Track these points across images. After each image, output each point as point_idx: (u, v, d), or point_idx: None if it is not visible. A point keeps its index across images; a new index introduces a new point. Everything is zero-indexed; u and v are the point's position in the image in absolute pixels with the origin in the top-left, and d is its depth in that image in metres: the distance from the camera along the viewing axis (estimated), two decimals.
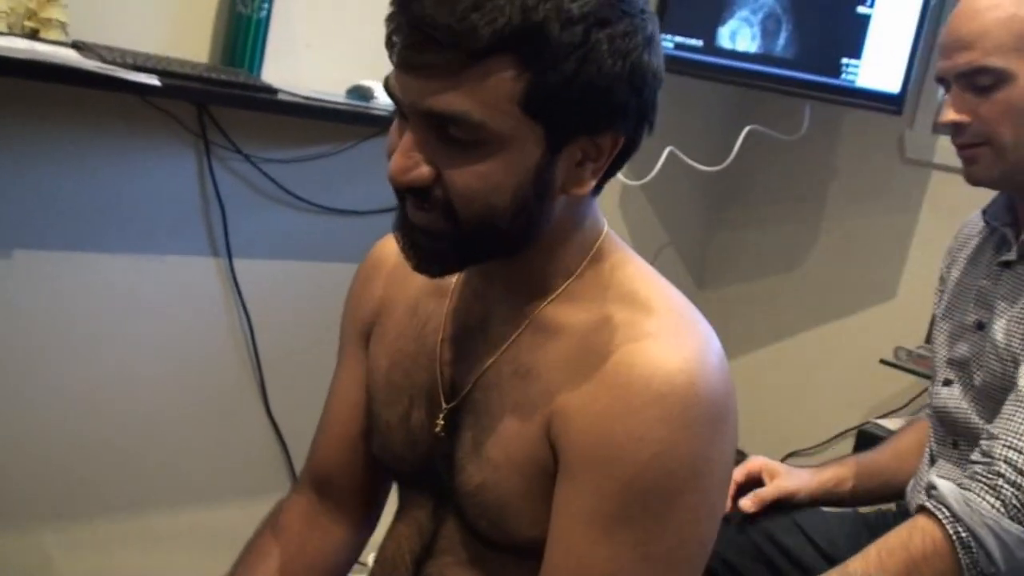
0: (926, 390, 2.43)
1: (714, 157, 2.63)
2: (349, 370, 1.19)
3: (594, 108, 0.90)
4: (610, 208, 2.69)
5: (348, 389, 1.18)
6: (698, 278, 2.99)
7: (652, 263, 1.02)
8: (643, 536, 0.91)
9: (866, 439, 2.22)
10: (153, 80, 1.64)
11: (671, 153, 2.54)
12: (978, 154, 1.47)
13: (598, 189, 0.97)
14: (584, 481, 0.92)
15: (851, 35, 2.32)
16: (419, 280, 1.06)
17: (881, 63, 2.31)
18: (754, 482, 1.72)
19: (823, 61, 2.36)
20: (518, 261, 0.97)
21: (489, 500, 0.99)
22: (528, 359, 0.99)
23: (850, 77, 2.34)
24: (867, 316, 2.65)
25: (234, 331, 2.14)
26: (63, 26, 1.77)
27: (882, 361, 2.25)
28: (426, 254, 0.95)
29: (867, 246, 2.66)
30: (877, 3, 2.30)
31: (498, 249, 0.95)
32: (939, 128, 2.38)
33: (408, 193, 0.92)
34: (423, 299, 1.09)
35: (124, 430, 2.09)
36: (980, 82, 1.43)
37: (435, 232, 0.93)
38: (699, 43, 2.46)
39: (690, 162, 2.56)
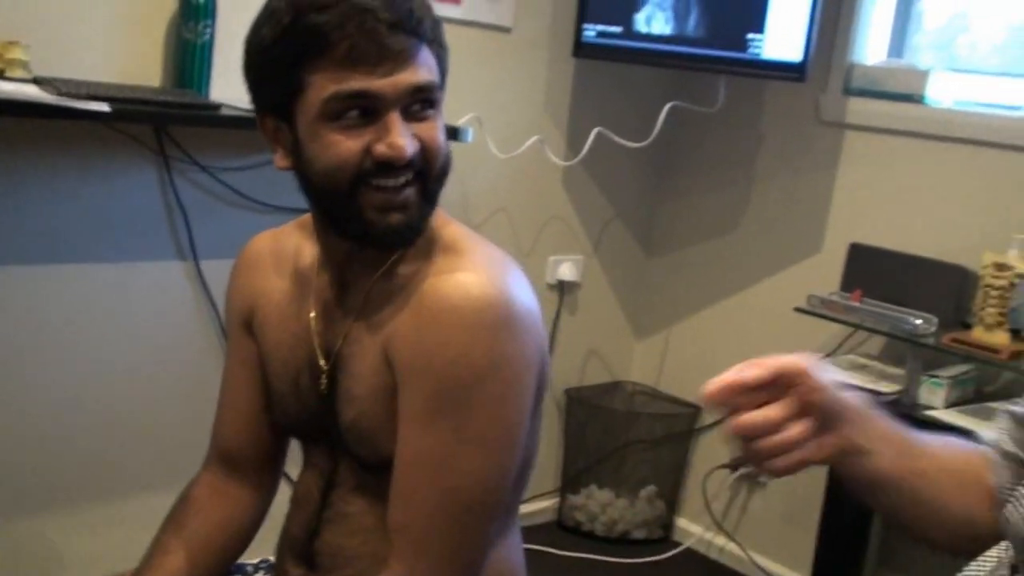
0: (850, 336, 2.64)
1: (642, 134, 2.83)
2: (237, 354, 1.40)
3: (445, 73, 1.20)
4: (555, 188, 2.90)
5: (239, 372, 1.39)
6: (647, 247, 3.19)
7: (600, 236, 1.24)
8: (457, 422, 1.14)
9: None
10: (103, 107, 1.85)
11: (599, 133, 2.75)
12: None
13: None
14: (409, 387, 1.16)
15: (754, 12, 2.52)
16: (286, 271, 1.32)
17: (783, 36, 2.51)
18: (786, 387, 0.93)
19: (731, 38, 2.56)
20: None
21: (362, 429, 1.22)
22: (374, 313, 1.22)
23: (756, 50, 2.54)
24: (798, 269, 2.85)
25: (205, 324, 2.36)
26: (25, 64, 1.98)
27: (796, 309, 2.45)
28: (398, 231, 1.17)
29: (794, 205, 2.86)
30: None
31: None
32: None
33: (387, 175, 1.13)
34: (292, 287, 1.32)
35: (111, 422, 2.31)
36: None
37: (409, 204, 1.15)
38: (619, 29, 2.66)
39: (618, 140, 2.77)
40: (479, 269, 1.17)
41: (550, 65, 2.79)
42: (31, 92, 1.87)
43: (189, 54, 2.16)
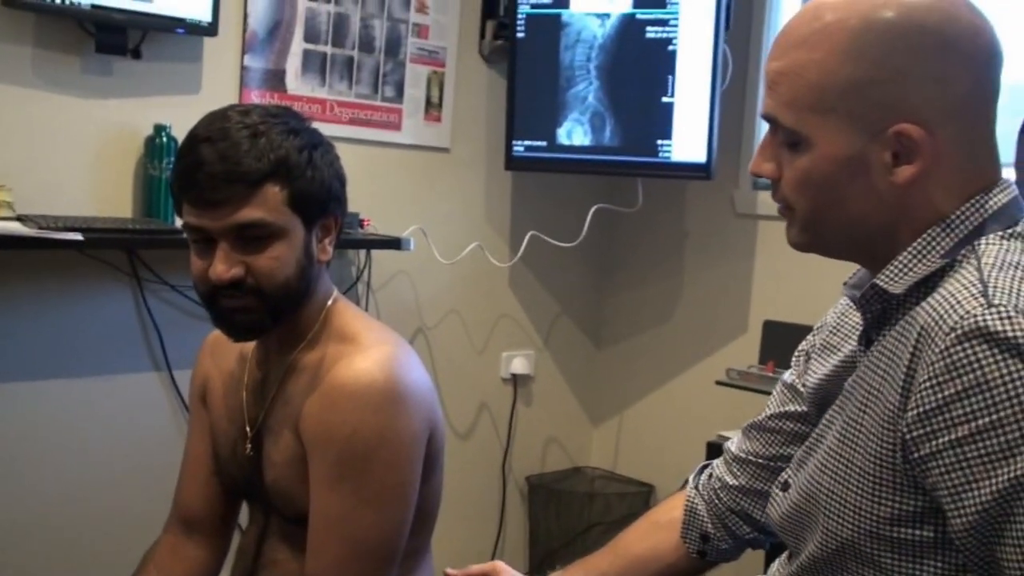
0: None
1: (573, 235, 3.11)
2: (195, 427, 1.66)
3: (325, 199, 1.43)
4: (501, 289, 3.18)
5: (197, 443, 1.64)
6: (595, 340, 3.45)
7: (549, 331, 1.51)
8: (356, 485, 1.39)
9: (712, 451, 2.65)
10: (76, 236, 2.13)
11: (533, 235, 3.03)
12: (786, 215, 1.14)
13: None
14: (315, 457, 1.42)
15: (661, 121, 2.83)
16: (231, 354, 1.58)
17: (689, 140, 2.81)
18: None
19: (642, 144, 2.86)
20: (283, 325, 1.46)
21: (280, 489, 1.48)
22: (288, 392, 1.49)
23: (666, 154, 2.84)
24: (730, 348, 3.10)
25: (180, 430, 2.60)
26: (10, 205, 2.27)
27: (717, 382, 2.69)
28: (243, 328, 1.43)
29: (720, 291, 3.13)
30: (677, 92, 2.80)
31: (294, 307, 1.44)
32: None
33: (228, 289, 1.38)
34: (234, 366, 1.59)
35: (93, 518, 2.54)
36: (786, 137, 1.09)
37: (251, 308, 1.40)
38: (543, 143, 2.97)
39: (552, 241, 3.06)
40: (369, 355, 1.42)
41: (486, 178, 3.10)
42: (14, 228, 2.15)
43: (154, 188, 2.45)
